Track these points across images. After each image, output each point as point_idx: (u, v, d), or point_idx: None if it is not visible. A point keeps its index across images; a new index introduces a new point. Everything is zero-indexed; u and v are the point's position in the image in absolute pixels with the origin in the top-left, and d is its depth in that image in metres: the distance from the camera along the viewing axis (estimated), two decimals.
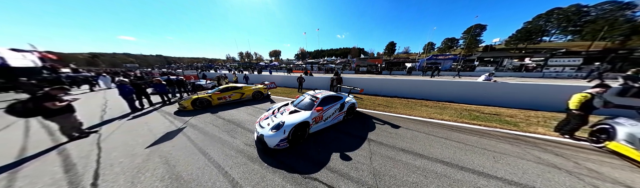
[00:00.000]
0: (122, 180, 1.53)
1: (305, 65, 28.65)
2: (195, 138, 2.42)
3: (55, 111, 2.20)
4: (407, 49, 55.75)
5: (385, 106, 4.27)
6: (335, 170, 1.64)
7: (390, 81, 5.94)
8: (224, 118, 3.34)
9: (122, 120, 3.34)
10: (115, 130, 2.78)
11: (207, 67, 31.91)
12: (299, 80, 7.11)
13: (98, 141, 2.35)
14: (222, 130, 2.73)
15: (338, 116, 2.89)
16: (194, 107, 3.95)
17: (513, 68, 15.43)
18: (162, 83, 4.72)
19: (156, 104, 4.67)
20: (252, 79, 9.90)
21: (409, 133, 2.52)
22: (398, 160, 1.80)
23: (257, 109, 4.08)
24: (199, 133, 2.61)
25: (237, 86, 4.95)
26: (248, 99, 4.98)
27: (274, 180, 1.51)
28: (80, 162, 1.83)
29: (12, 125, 3.06)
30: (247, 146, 2.14)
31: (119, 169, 1.69)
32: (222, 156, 1.90)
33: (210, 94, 4.31)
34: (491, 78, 5.15)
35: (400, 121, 3.04)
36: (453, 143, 2.17)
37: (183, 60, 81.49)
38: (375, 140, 2.29)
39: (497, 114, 3.43)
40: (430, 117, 3.27)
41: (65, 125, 2.31)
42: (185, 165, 1.74)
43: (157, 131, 2.70)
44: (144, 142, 2.29)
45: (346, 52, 61.35)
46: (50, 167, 1.74)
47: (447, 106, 4.17)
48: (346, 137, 2.39)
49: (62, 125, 2.29)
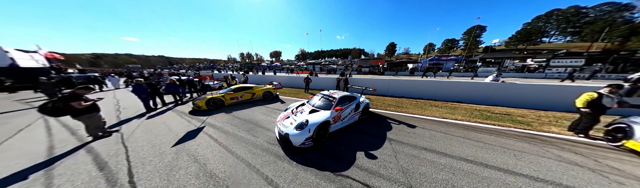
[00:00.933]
0: (158, 178, 1.56)
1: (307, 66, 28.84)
2: (217, 137, 2.46)
3: (82, 110, 2.25)
4: (407, 49, 56.12)
5: (396, 106, 4.33)
6: (364, 168, 1.68)
7: (398, 82, 6.00)
8: (240, 118, 3.39)
9: (139, 119, 3.38)
10: (135, 129, 2.82)
11: (209, 68, 32.03)
12: (306, 81, 7.20)
13: (122, 140, 2.38)
14: (241, 129, 2.78)
15: (354, 116, 2.94)
16: (208, 107, 3.99)
17: (515, 69, 15.56)
18: (176, 83, 4.77)
19: (169, 104, 4.72)
20: (256, 79, 9.98)
21: (427, 132, 2.56)
22: (423, 159, 1.84)
23: (270, 109, 4.13)
24: (219, 132, 2.65)
25: (248, 86, 5.01)
26: (258, 99, 5.03)
27: (307, 177, 1.55)
28: (111, 161, 1.87)
29: (33, 124, 3.10)
30: (271, 145, 2.18)
31: (151, 167, 1.73)
32: (250, 155, 1.94)
33: (223, 94, 4.36)
34: (499, 78, 5.20)
35: (415, 121, 3.09)
36: (472, 142, 2.22)
37: (185, 61, 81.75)
38: (395, 139, 2.33)
39: (508, 114, 3.48)
40: (443, 117, 3.32)
41: (90, 124, 2.35)
42: (215, 163, 1.78)
43: (178, 130, 2.74)
44: (167, 141, 2.33)
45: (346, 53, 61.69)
46: (83, 165, 1.78)
47: (457, 107, 4.22)
48: (366, 137, 2.43)
49: (87, 124, 2.33)
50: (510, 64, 16.25)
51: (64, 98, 2.18)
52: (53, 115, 2.16)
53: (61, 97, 2.20)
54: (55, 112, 2.15)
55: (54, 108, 2.13)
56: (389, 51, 48.60)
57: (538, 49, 24.91)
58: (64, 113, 2.19)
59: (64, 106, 2.15)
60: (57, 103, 2.14)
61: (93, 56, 72.15)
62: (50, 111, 2.12)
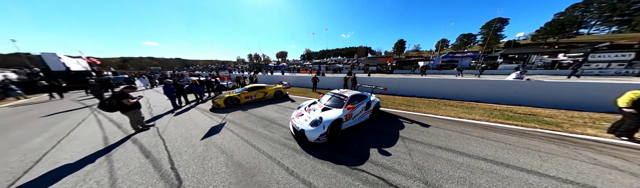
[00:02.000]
0: (194, 166, 1.80)
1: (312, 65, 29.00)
2: (238, 132, 2.69)
3: (130, 106, 2.63)
4: (418, 47, 53.34)
5: (407, 105, 4.25)
6: (379, 164, 1.74)
7: (409, 80, 5.84)
8: (256, 115, 3.62)
9: (169, 115, 3.80)
10: (167, 124, 3.19)
11: (221, 69, 33.85)
12: (314, 80, 7.33)
13: (158, 133, 2.73)
14: (258, 125, 2.99)
15: (365, 115, 2.99)
16: (226, 105, 4.33)
17: (543, 65, 13.96)
18: (197, 83, 5.22)
19: (191, 102, 5.18)
20: (266, 79, 10.37)
21: (442, 131, 2.52)
22: (438, 157, 1.85)
23: (282, 107, 4.33)
24: (239, 127, 2.89)
25: (260, 86, 5.28)
26: (270, 98, 5.28)
27: (324, 169, 1.67)
28: (153, 150, 2.17)
29: (87, 119, 3.67)
30: (288, 140, 2.34)
31: (187, 157, 1.98)
32: (270, 148, 2.11)
33: (238, 93, 4.67)
34: (523, 76, 4.80)
35: (428, 121, 3.03)
36: (491, 142, 2.14)
37: (198, 62, 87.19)
38: (409, 137, 2.34)
39: (533, 115, 3.24)
40: (459, 116, 3.20)
41: (134, 119, 2.73)
42: (240, 155, 1.98)
43: (203, 125, 3.04)
44: (196, 135, 2.61)
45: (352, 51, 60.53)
46: (132, 153, 2.10)
47: (474, 106, 4.02)
48: (378, 135, 2.47)
49: (132, 118, 2.71)
50: (537, 60, 14.62)
51: (116, 96, 2.57)
52: (108, 111, 2.55)
53: (114, 95, 2.60)
54: (111, 108, 2.55)
55: (111, 104, 2.53)
56: (397, 48, 46.62)
57: (573, 42, 22.02)
58: (117, 109, 2.58)
59: (117, 103, 2.55)
60: (112, 101, 2.53)
61: (121, 59, 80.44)
62: (107, 107, 2.52)
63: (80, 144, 2.42)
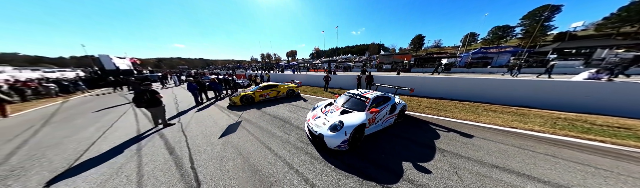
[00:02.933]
0: (212, 167, 1.75)
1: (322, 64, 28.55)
2: (254, 131, 2.63)
3: (158, 102, 2.82)
4: (438, 42, 47.75)
5: (436, 109, 3.69)
6: (418, 184, 1.43)
7: (434, 80, 5.13)
8: (270, 114, 3.57)
9: (192, 111, 4.02)
10: (190, 120, 3.34)
11: (236, 68, 36.03)
12: (326, 79, 7.05)
13: (182, 129, 2.85)
14: (273, 125, 2.90)
15: (389, 119, 2.63)
16: (242, 103, 4.41)
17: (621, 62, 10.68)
18: (216, 81, 5.48)
19: (211, 99, 5.46)
20: (278, 78, 10.49)
21: (492, 145, 2.03)
22: (499, 180, 1.44)
23: (295, 107, 4.21)
24: (254, 127, 2.84)
25: (273, 85, 5.27)
26: (282, 97, 5.24)
27: (351, 185, 1.43)
28: (176, 146, 2.23)
29: (127, 112, 4.13)
30: (305, 144, 2.16)
31: (206, 156, 1.96)
32: (286, 153, 1.97)
33: (253, 92, 4.72)
34: (600, 75, 3.72)
35: (469, 129, 2.52)
36: (572, 165, 1.61)
37: (217, 62, 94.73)
38: (449, 150, 1.94)
39: (626, 128, 2.43)
40: (509, 126, 2.60)
41: (159, 114, 2.90)
42: (257, 158, 1.87)
43: (221, 123, 3.09)
44: (215, 132, 2.64)
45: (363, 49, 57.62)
46: (159, 149, 2.19)
47: (526, 113, 3.26)
48: (407, 143, 2.13)
49: (157, 114, 2.89)
50: (610, 56, 11.45)
51: (152, 92, 2.79)
52: (141, 105, 2.75)
53: (150, 91, 2.80)
54: (148, 103, 2.75)
55: (147, 100, 2.74)
56: (415, 44, 42.68)
57: None
58: (150, 104, 2.77)
59: (152, 98, 2.75)
60: (147, 95, 2.73)
61: (157, 59, 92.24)
62: (146, 102, 2.73)
63: (119, 135, 2.66)
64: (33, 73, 16.02)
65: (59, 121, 3.63)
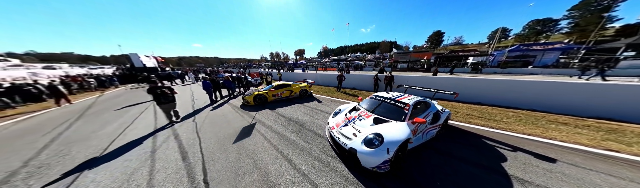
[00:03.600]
0: (227, 183, 1.48)
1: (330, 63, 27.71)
2: (270, 137, 2.37)
3: (172, 98, 2.92)
4: (459, 39, 42.85)
5: (482, 118, 3.04)
6: None
7: (470, 82, 4.33)
8: (285, 116, 3.30)
9: (206, 110, 3.96)
10: (204, 119, 3.24)
11: (248, 67, 37.27)
12: (339, 78, 6.57)
13: (196, 130, 2.72)
14: (289, 130, 2.61)
15: (431, 130, 2.14)
16: (255, 102, 4.26)
17: None
18: (229, 79, 5.44)
19: (224, 97, 5.44)
20: (288, 77, 10.30)
21: (595, 176, 1.45)
22: None
23: (309, 108, 3.89)
24: (270, 131, 2.58)
25: (287, 84, 5.03)
26: (295, 97, 4.98)
27: None
28: (190, 151, 2.06)
29: (149, 107, 4.26)
30: (330, 158, 1.82)
31: (220, 166, 1.73)
32: (311, 170, 1.64)
33: (266, 91, 4.53)
34: None
35: (543, 149, 1.92)
36: None
37: (230, 60, 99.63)
38: (530, 181, 1.41)
39: None
40: (603, 147, 1.91)
41: (169, 111, 2.95)
42: (277, 175, 1.58)
43: (235, 124, 2.90)
44: (229, 136, 2.44)
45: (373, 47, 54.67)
46: (172, 152, 2.04)
47: (616, 128, 2.47)
48: (467, 167, 1.63)
49: (169, 110, 2.94)
50: None
51: (170, 88, 2.90)
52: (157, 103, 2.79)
53: (167, 87, 2.91)
54: (159, 99, 2.79)
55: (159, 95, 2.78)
56: (432, 41, 39.05)
57: None
58: (164, 97, 2.82)
59: (163, 93, 2.80)
60: (164, 89, 2.82)
61: (178, 58, 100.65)
62: (157, 97, 2.78)
63: (137, 134, 2.63)
64: (81, 70, 18.55)
65: (91, 115, 3.86)
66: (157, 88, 2.74)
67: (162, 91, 2.76)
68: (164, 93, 2.76)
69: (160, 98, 2.74)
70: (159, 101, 2.76)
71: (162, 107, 2.85)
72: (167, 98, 2.80)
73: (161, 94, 2.74)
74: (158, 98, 2.74)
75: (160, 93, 2.73)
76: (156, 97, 2.74)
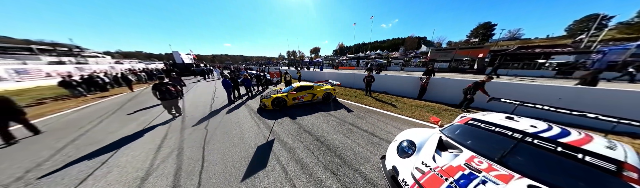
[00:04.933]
0: None
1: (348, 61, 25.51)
2: (294, 175, 1.58)
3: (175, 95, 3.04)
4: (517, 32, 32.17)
5: None
6: None
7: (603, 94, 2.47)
8: (309, 132, 2.49)
9: (222, 112, 3.58)
10: (217, 127, 2.77)
11: (267, 64, 38.82)
12: (368, 80, 5.16)
13: (204, 144, 2.20)
14: (320, 161, 1.78)
15: None
16: (273, 107, 3.63)
17: None
18: (248, 78, 5.01)
19: (243, 95, 5.15)
20: (307, 76, 9.55)
21: None
22: None
23: (339, 121, 2.94)
24: (292, 160, 1.81)
25: (309, 86, 4.21)
26: (318, 101, 4.14)
27: None
28: (185, 184, 1.47)
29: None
30: None
31: None
32: None
33: (286, 94, 3.84)
34: None
35: None
36: None
37: (252, 58, 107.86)
38: None
39: None
40: None
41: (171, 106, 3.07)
42: None
43: (249, 140, 2.27)
44: (239, 162, 1.79)
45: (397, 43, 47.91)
46: (167, 177, 1.50)
47: None
48: None
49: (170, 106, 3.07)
50: None
51: (174, 85, 3.07)
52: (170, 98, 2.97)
53: (172, 84, 3.03)
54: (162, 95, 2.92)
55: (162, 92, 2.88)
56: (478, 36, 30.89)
57: None
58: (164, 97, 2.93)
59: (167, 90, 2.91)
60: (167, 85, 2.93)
61: (212, 56, 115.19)
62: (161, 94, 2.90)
63: (145, 142, 2.31)
64: (140, 65, 22.82)
65: (122, 110, 3.96)
66: (162, 84, 2.84)
67: (167, 88, 2.86)
68: (168, 89, 2.87)
69: (165, 94, 2.86)
70: (162, 97, 2.87)
71: (164, 103, 2.97)
72: (171, 94, 2.92)
73: (166, 91, 2.85)
74: (162, 94, 2.85)
75: (165, 89, 2.84)
76: (161, 93, 2.84)
